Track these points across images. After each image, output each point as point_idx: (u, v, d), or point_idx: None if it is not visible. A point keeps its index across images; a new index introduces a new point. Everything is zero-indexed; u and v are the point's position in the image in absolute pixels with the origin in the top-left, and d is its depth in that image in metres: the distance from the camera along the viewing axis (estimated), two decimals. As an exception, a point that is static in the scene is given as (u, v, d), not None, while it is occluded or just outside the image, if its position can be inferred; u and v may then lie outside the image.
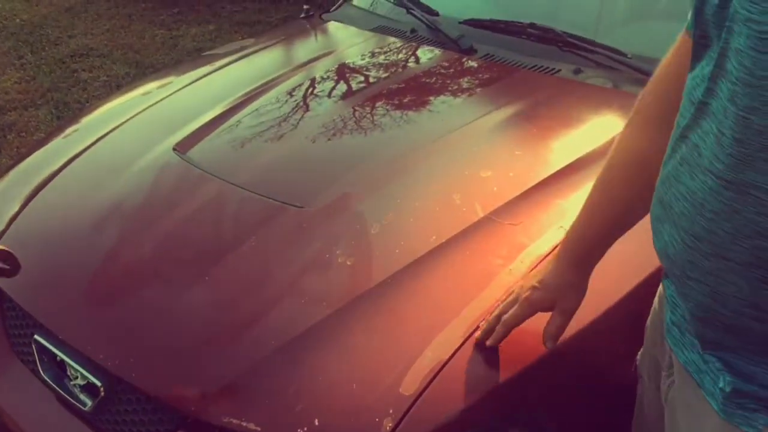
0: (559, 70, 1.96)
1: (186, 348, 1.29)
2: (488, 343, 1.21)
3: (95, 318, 1.42)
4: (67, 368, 1.41)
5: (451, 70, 2.04)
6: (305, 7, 2.60)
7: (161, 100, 2.06)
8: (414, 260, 1.36)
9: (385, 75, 2.04)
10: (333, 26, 2.45)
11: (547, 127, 1.74)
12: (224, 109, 1.90)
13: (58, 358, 1.43)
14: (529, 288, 1.20)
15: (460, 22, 2.19)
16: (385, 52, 2.21)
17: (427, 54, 2.16)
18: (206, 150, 1.76)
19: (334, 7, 2.60)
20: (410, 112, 1.85)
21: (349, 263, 1.38)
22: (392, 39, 2.26)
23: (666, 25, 2.13)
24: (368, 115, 1.84)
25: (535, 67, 1.99)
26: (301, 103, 1.94)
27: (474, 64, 2.06)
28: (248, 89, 1.99)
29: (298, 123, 1.83)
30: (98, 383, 1.35)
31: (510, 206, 1.47)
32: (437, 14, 2.26)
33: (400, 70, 2.08)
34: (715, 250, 0.83)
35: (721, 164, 0.79)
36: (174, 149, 1.76)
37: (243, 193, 1.58)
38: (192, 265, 1.42)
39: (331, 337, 1.25)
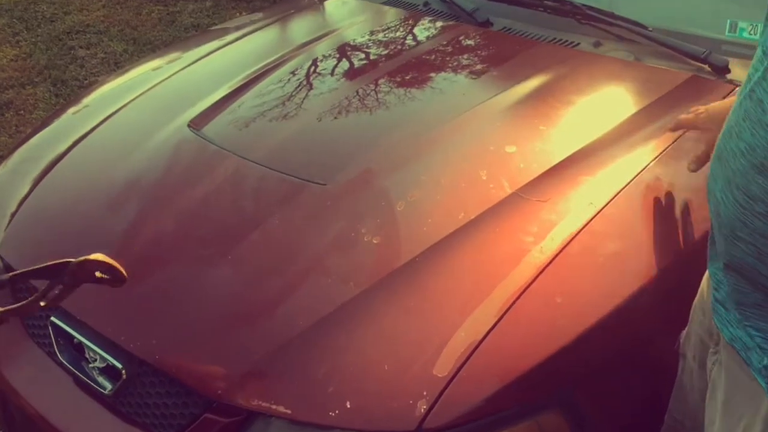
0: (579, 44, 1.92)
1: (211, 329, 1.26)
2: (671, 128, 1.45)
3: (116, 299, 1.37)
4: (86, 351, 1.38)
5: (469, 44, 1.99)
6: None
7: (171, 76, 2.01)
8: (442, 238, 1.32)
9: (402, 49, 1.99)
10: (345, 1, 2.40)
11: (571, 102, 1.69)
12: (237, 86, 1.85)
13: (75, 340, 1.39)
14: (704, 108, 1.36)
15: (477, -7, 2.14)
16: (399, 26, 2.16)
17: (442, 27, 2.11)
18: (222, 126, 1.71)
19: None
20: (430, 88, 1.80)
21: (375, 242, 1.34)
22: (405, 12, 2.20)
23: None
24: (387, 91, 1.80)
25: (553, 40, 1.95)
26: (316, 80, 1.89)
27: (491, 37, 2.01)
28: (260, 65, 1.94)
29: (314, 99, 1.78)
30: (119, 366, 1.31)
31: (537, 183, 1.43)
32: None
33: (416, 44, 2.03)
34: None
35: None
36: (189, 126, 1.71)
37: (263, 170, 1.54)
38: (215, 244, 1.38)
39: (360, 318, 1.21)
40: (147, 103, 1.89)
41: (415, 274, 1.27)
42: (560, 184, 1.43)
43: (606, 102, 1.73)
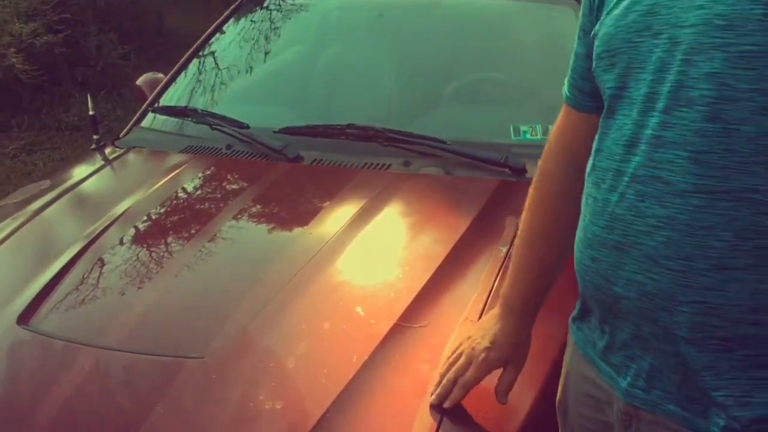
0: (390, 165, 2.04)
1: None
2: (446, 405, 1.23)
3: None
4: None
5: (291, 181, 2.03)
6: (95, 137, 2.43)
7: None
8: (345, 387, 1.31)
9: (226, 198, 1.97)
10: (137, 154, 2.31)
11: (413, 223, 1.79)
12: (61, 265, 1.68)
13: None
14: (483, 349, 1.23)
15: (275, 131, 2.18)
16: (211, 175, 2.13)
17: (254, 168, 2.12)
18: (59, 316, 1.55)
19: (123, 133, 2.46)
20: (272, 233, 1.81)
21: (279, 407, 1.30)
22: (210, 158, 2.18)
23: (470, 109, 2.33)
24: (230, 242, 1.76)
25: (366, 165, 2.04)
26: (147, 244, 1.79)
27: (307, 172, 2.06)
28: (79, 237, 1.79)
29: (154, 264, 1.69)
30: None
31: (413, 309, 1.48)
32: (248, 126, 2.23)
33: (239, 189, 2.02)
34: (713, 264, 0.89)
35: (710, 179, 0.87)
36: (18, 323, 1.53)
37: (127, 356, 1.41)
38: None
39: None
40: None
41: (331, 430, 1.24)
42: (433, 305, 1.49)
43: (437, 219, 1.85)
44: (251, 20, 2.75)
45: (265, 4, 2.78)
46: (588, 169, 1.06)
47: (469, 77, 2.38)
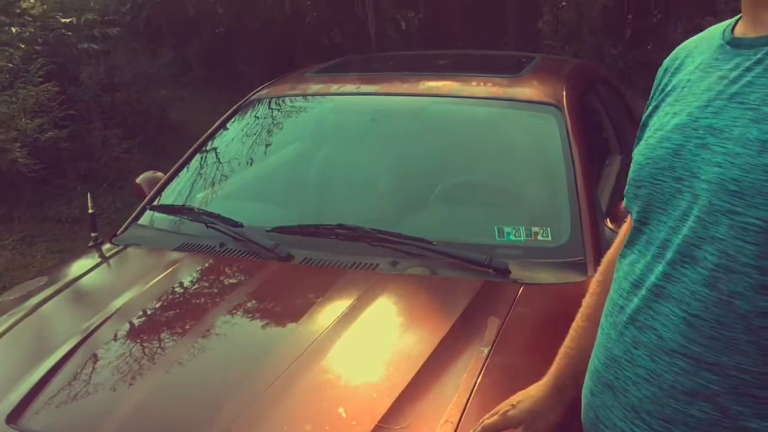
0: (378, 265, 2.10)
1: None
2: None
3: None
4: None
5: (281, 280, 2.09)
6: (93, 234, 2.51)
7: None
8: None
9: (220, 295, 2.03)
10: (134, 251, 2.38)
11: (397, 323, 1.84)
12: (54, 361, 1.72)
13: None
14: (508, 404, 1.27)
15: (268, 231, 2.26)
16: (204, 272, 2.19)
17: (246, 267, 2.18)
18: (50, 413, 1.58)
19: (120, 230, 2.54)
20: (262, 331, 1.85)
21: None
22: (204, 256, 2.25)
23: (457, 210, 2.41)
24: (220, 339, 1.81)
25: (354, 265, 2.10)
26: (140, 340, 1.84)
27: (297, 271, 2.12)
28: (73, 334, 1.83)
29: (147, 360, 1.73)
30: None
31: (394, 409, 1.51)
32: (242, 225, 2.31)
33: (232, 288, 2.07)
34: None
35: (699, 347, 0.85)
36: (7, 423, 1.55)
37: (113, 456, 1.44)
38: None
39: None
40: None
41: None
42: (414, 405, 1.53)
43: (421, 319, 1.90)
44: (248, 121, 2.87)
45: (261, 107, 2.91)
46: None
47: (456, 180, 2.47)
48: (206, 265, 2.24)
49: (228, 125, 2.88)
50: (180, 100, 8.22)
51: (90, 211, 2.55)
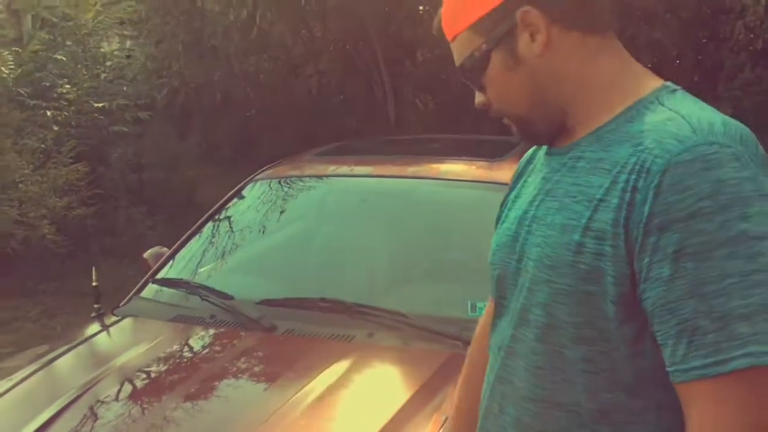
0: (354, 336, 2.22)
1: None
2: None
3: None
4: None
5: (261, 349, 2.22)
6: (96, 306, 2.66)
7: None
8: None
9: (205, 363, 2.16)
10: (131, 321, 2.54)
11: (364, 390, 1.95)
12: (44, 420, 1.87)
13: None
14: None
15: (257, 303, 2.40)
16: (192, 341, 2.34)
17: (233, 337, 2.32)
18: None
19: (123, 302, 2.69)
20: (238, 394, 1.98)
21: None
22: (195, 327, 2.39)
23: (433, 286, 2.53)
24: (199, 401, 1.94)
25: (332, 336, 2.23)
26: (124, 406, 1.97)
27: (278, 342, 2.25)
28: (61, 400, 1.98)
29: (131, 418, 1.86)
30: None
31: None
32: (232, 298, 2.46)
33: (215, 356, 2.21)
34: None
35: (544, 391, 1.04)
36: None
37: None
38: None
39: None
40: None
41: None
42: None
43: (387, 387, 2.01)
44: (248, 201, 3.06)
45: (261, 187, 3.10)
46: None
47: (434, 257, 2.61)
48: (195, 334, 2.38)
49: (229, 204, 3.07)
50: (208, 179, 8.51)
51: (94, 284, 2.72)
